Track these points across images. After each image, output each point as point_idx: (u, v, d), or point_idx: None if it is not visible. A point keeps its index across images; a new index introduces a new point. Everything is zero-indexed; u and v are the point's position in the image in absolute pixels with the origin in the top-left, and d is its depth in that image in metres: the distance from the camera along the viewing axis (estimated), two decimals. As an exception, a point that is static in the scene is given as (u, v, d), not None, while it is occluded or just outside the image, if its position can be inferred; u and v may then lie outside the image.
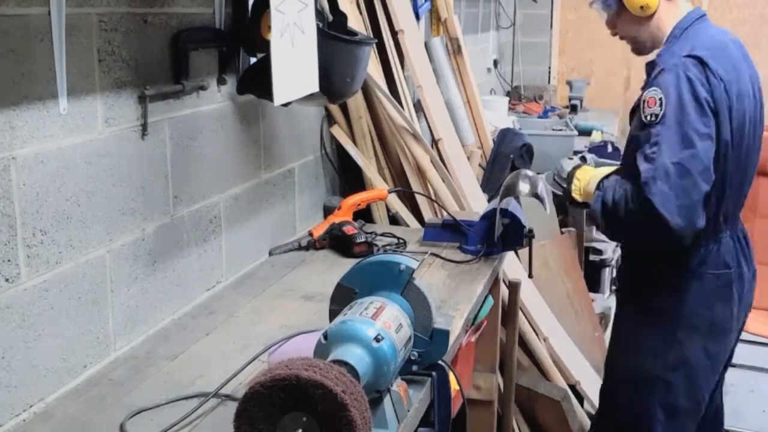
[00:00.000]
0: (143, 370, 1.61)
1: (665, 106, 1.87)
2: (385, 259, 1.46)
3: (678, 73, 1.90)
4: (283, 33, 1.48)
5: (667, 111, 1.87)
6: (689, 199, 1.84)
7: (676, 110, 1.87)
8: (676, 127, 1.86)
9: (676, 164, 1.84)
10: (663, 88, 1.90)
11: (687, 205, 1.84)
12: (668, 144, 1.85)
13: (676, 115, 1.87)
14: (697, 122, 1.86)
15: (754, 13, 5.96)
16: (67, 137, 1.49)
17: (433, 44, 3.66)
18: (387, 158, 2.82)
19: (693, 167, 1.84)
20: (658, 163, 1.85)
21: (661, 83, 1.91)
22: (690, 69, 1.90)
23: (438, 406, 1.52)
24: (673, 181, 1.83)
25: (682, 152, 1.85)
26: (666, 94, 1.88)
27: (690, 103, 1.87)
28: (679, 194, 1.84)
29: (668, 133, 1.86)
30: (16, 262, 1.38)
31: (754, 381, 3.71)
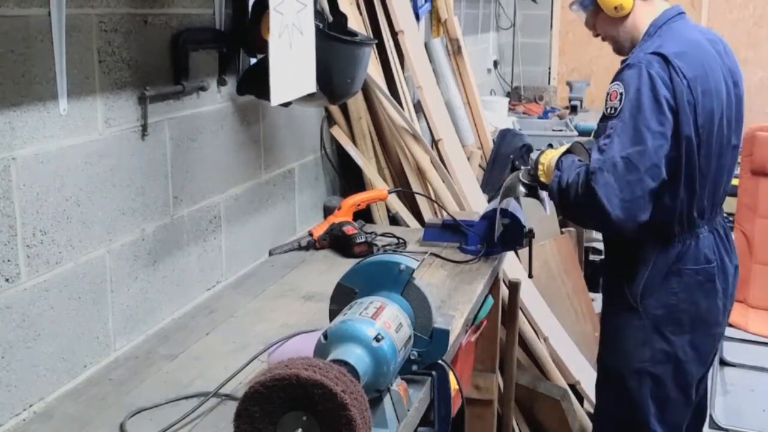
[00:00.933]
0: (143, 370, 1.61)
1: (623, 102, 1.91)
2: (385, 259, 1.46)
3: (641, 69, 1.92)
4: (281, 33, 1.48)
5: (625, 107, 1.90)
6: (632, 194, 1.87)
7: (633, 106, 1.90)
8: (630, 121, 1.89)
9: (624, 158, 1.87)
10: (624, 83, 1.93)
11: (629, 199, 1.87)
12: (620, 138, 1.89)
13: (632, 111, 1.90)
14: (651, 120, 1.89)
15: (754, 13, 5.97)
16: (67, 138, 1.49)
17: (433, 45, 3.67)
18: (387, 158, 2.82)
19: (640, 163, 1.87)
20: (607, 155, 1.89)
21: (624, 78, 1.94)
22: (653, 66, 1.92)
23: (438, 406, 1.52)
24: (619, 174, 1.87)
25: (632, 147, 1.88)
26: (626, 89, 1.92)
27: (648, 100, 1.90)
28: (623, 187, 1.87)
29: (622, 127, 1.90)
30: (16, 262, 1.39)
31: (754, 381, 3.72)
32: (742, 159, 3.54)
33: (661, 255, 2.06)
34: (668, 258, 2.06)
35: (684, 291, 2.07)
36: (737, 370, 3.80)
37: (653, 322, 2.08)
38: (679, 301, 2.07)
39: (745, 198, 3.50)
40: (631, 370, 2.12)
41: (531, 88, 5.71)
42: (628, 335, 2.12)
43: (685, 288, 2.06)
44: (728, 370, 3.79)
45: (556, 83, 6.18)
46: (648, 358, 2.10)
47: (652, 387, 2.11)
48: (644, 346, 2.10)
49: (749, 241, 3.48)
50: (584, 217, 2.03)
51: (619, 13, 2.11)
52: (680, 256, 2.06)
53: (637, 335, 2.10)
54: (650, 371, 2.10)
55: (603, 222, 1.92)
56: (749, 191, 3.48)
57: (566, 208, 2.06)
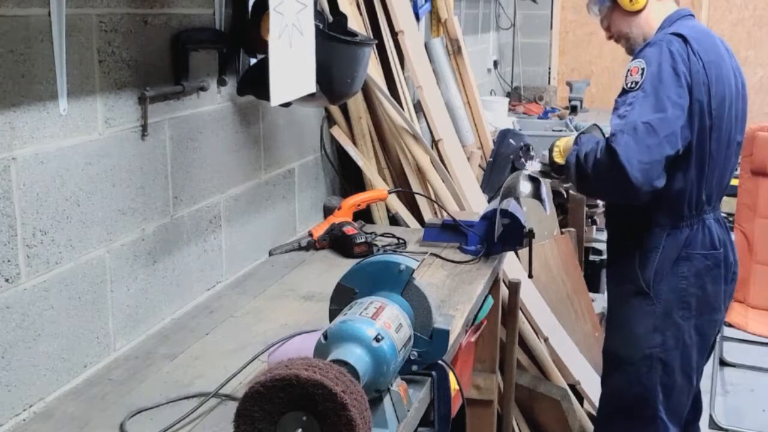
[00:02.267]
0: (143, 370, 1.61)
1: (645, 75, 2.00)
2: (385, 259, 1.46)
3: (662, 46, 2.04)
4: (281, 34, 1.48)
5: (647, 79, 2.00)
6: (651, 157, 1.94)
7: (654, 78, 1.99)
8: (651, 91, 1.98)
9: (645, 123, 1.95)
10: (646, 59, 2.03)
11: (648, 161, 1.94)
12: (642, 105, 1.97)
13: (653, 82, 1.99)
14: (672, 90, 1.98)
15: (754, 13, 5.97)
16: (67, 138, 1.49)
17: (433, 45, 3.67)
18: (387, 158, 2.82)
19: (660, 129, 1.95)
20: (628, 120, 1.96)
21: (646, 54, 2.05)
22: (673, 44, 2.03)
23: (438, 406, 1.52)
24: (639, 137, 1.94)
25: (653, 114, 1.96)
26: (648, 64, 2.02)
27: (668, 73, 2.00)
28: (642, 150, 1.93)
29: (644, 96, 1.98)
30: (16, 262, 1.39)
31: (754, 381, 3.72)
32: (742, 159, 3.54)
33: (671, 240, 2.13)
34: (678, 243, 2.13)
35: (693, 275, 2.13)
36: (737, 370, 3.80)
37: (664, 307, 2.14)
38: (688, 285, 2.13)
39: (745, 198, 3.50)
40: (642, 355, 2.17)
41: (531, 88, 5.71)
42: (640, 321, 2.17)
43: (695, 272, 2.13)
44: (728, 370, 3.79)
45: (556, 83, 6.18)
46: (659, 343, 2.15)
47: (662, 373, 2.17)
48: (655, 332, 2.16)
49: (749, 241, 3.48)
50: (602, 182, 2.05)
51: (635, 6, 2.21)
52: (689, 241, 2.13)
53: (649, 321, 2.16)
54: (661, 357, 2.16)
55: (621, 184, 1.95)
56: (749, 191, 3.48)
57: (583, 180, 2.10)
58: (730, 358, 3.82)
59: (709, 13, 5.99)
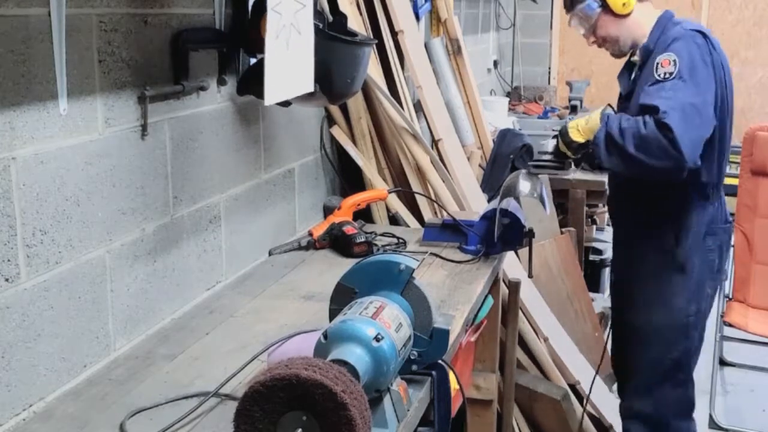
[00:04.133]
0: (143, 370, 1.61)
1: (679, 65, 2.15)
2: (385, 258, 1.46)
3: (688, 40, 2.22)
4: (279, 34, 1.48)
5: (682, 68, 2.15)
6: (698, 135, 2.10)
7: (689, 67, 2.16)
8: (690, 79, 2.14)
9: (691, 104, 2.10)
10: (676, 52, 2.19)
11: (696, 139, 2.09)
12: (684, 90, 2.12)
13: (689, 71, 2.15)
14: (705, 79, 2.17)
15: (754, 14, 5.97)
16: (67, 138, 1.49)
17: (433, 45, 3.67)
18: (387, 158, 2.82)
19: (703, 111, 2.13)
20: (675, 101, 2.09)
21: (675, 48, 2.20)
22: (697, 38, 2.23)
23: (438, 406, 1.52)
24: (688, 117, 2.08)
25: (696, 97, 2.12)
26: (679, 56, 2.17)
27: (700, 62, 2.18)
28: (691, 128, 2.08)
29: (684, 84, 2.13)
30: (16, 262, 1.39)
31: (754, 381, 3.72)
32: (742, 159, 3.54)
33: (700, 217, 2.34)
34: (705, 219, 2.35)
35: (718, 247, 2.39)
36: (737, 370, 3.80)
37: (698, 279, 2.37)
38: (715, 257, 2.39)
39: (745, 198, 3.50)
40: (680, 324, 2.39)
41: (531, 88, 5.71)
42: (677, 294, 2.38)
43: (719, 245, 2.39)
44: (728, 370, 3.79)
45: (556, 83, 6.18)
46: (694, 312, 2.39)
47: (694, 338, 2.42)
48: (690, 302, 2.38)
49: (749, 241, 3.48)
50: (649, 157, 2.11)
51: (626, 9, 2.37)
52: (714, 217, 2.37)
53: (685, 293, 2.37)
54: (694, 323, 2.40)
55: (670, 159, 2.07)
56: (749, 191, 3.48)
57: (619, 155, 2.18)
58: (730, 358, 3.82)
59: (709, 13, 5.98)
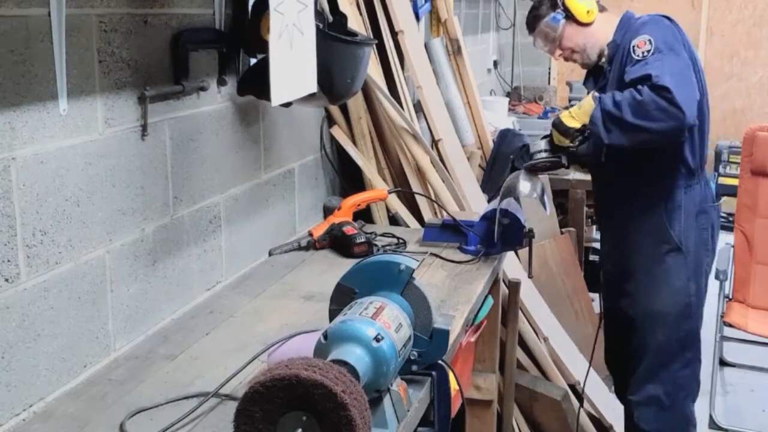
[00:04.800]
0: (143, 370, 1.61)
1: (655, 42, 2.20)
2: (385, 259, 1.46)
3: (657, 22, 2.29)
4: (281, 34, 1.48)
5: (659, 44, 2.19)
6: (692, 93, 2.13)
7: (665, 41, 2.20)
8: (668, 51, 2.18)
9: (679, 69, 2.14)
10: (648, 32, 2.23)
11: (691, 96, 2.11)
12: (668, 59, 2.16)
13: (667, 45, 2.20)
14: (681, 51, 2.21)
15: (754, 13, 5.97)
16: (67, 138, 1.49)
17: (433, 45, 3.67)
18: (387, 158, 2.82)
19: (689, 75, 2.16)
20: (664, 66, 2.12)
21: (646, 29, 2.25)
22: (664, 21, 2.30)
23: (438, 406, 1.52)
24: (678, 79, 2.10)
25: (680, 63, 2.17)
26: (653, 35, 2.21)
27: (673, 38, 2.23)
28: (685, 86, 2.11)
29: (665, 55, 2.17)
30: (16, 262, 1.39)
31: (754, 381, 3.72)
32: (742, 159, 3.54)
33: (689, 197, 2.38)
34: (694, 199, 2.39)
35: (710, 226, 2.42)
36: (737, 370, 3.80)
37: (695, 258, 2.40)
38: (709, 235, 2.42)
39: (745, 198, 3.50)
40: (682, 305, 2.41)
41: (531, 88, 5.71)
42: (676, 275, 2.40)
43: (711, 223, 2.43)
44: (728, 370, 3.79)
45: (556, 83, 6.19)
46: (694, 291, 2.41)
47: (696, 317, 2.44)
48: (689, 282, 2.40)
49: (749, 241, 3.48)
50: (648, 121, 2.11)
51: (591, 17, 2.43)
52: (703, 197, 2.41)
53: (684, 273, 2.40)
54: (696, 303, 2.42)
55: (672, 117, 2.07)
56: (749, 191, 3.49)
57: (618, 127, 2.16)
58: (730, 358, 3.82)
59: (709, 13, 5.99)
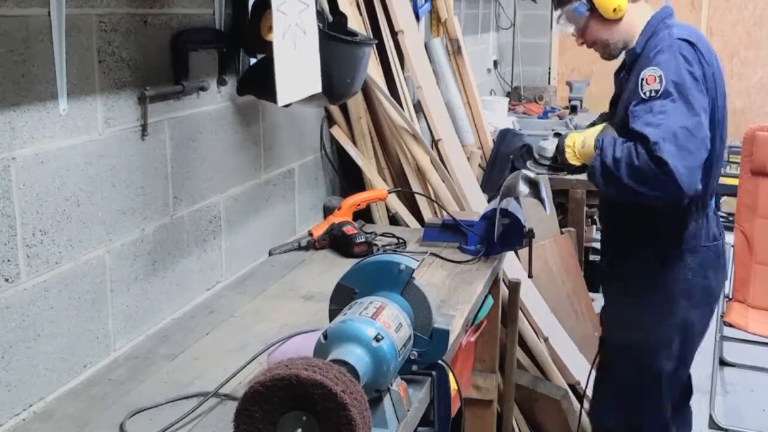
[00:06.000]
0: (143, 370, 1.61)
1: (665, 82, 1.99)
2: (385, 259, 1.46)
3: (674, 52, 2.03)
4: (285, 34, 1.48)
5: (668, 87, 1.99)
6: (694, 161, 1.95)
7: (678, 84, 1.99)
8: (680, 98, 1.98)
9: (683, 128, 1.95)
10: (662, 67, 2.02)
11: (693, 166, 1.95)
12: (675, 112, 1.97)
13: (678, 88, 1.99)
14: (697, 95, 1.99)
15: (754, 13, 5.97)
16: (67, 138, 1.49)
17: (433, 45, 3.67)
18: (387, 158, 2.82)
19: (697, 133, 1.96)
20: (665, 127, 1.95)
21: (660, 61, 2.03)
22: (683, 49, 2.04)
23: (438, 406, 1.52)
24: (681, 143, 1.94)
25: (689, 119, 1.96)
26: (666, 72, 2.01)
27: (690, 79, 2.00)
28: (685, 156, 1.93)
29: (674, 104, 1.98)
30: (16, 262, 1.39)
31: (754, 381, 3.72)
32: (742, 159, 3.54)
33: (678, 233, 2.18)
34: (685, 236, 2.18)
35: (699, 266, 2.20)
36: (737, 370, 3.80)
37: (670, 297, 2.20)
38: (693, 276, 2.19)
39: (745, 198, 3.50)
40: (647, 344, 2.24)
41: (531, 88, 5.71)
42: (646, 311, 2.23)
43: (701, 264, 2.20)
44: (728, 370, 3.79)
45: (556, 83, 6.18)
46: (664, 332, 2.23)
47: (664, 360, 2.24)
48: (661, 322, 2.22)
49: (749, 241, 3.48)
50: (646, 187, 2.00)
51: (617, 14, 2.20)
52: (696, 234, 2.19)
53: (654, 313, 2.21)
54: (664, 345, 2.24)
55: (670, 190, 1.95)
56: (749, 191, 3.48)
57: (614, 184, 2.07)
58: (730, 358, 3.82)
59: (709, 13, 5.99)
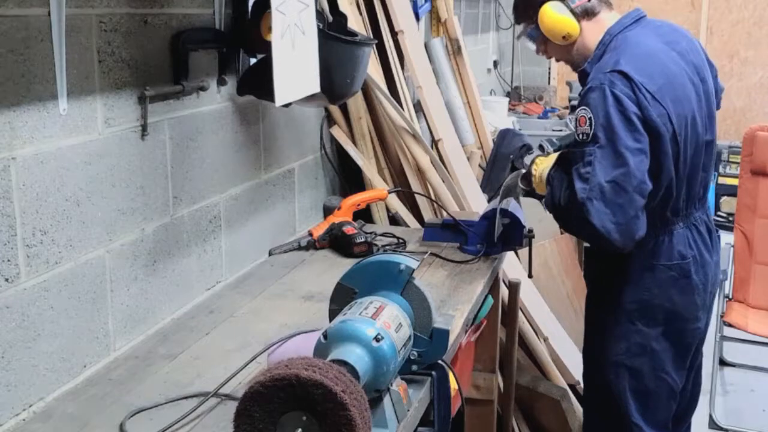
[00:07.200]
0: (143, 370, 1.61)
1: (594, 126, 1.88)
2: (385, 259, 1.46)
3: (604, 90, 1.89)
4: (284, 34, 1.48)
5: (597, 131, 1.87)
6: (625, 216, 1.86)
7: (606, 129, 1.87)
8: (607, 145, 1.86)
9: (611, 182, 1.85)
10: (591, 107, 1.90)
11: (624, 222, 1.86)
12: (601, 163, 1.86)
13: (607, 134, 1.87)
14: (628, 139, 1.86)
15: (754, 13, 5.97)
16: (67, 138, 1.49)
17: (433, 45, 3.67)
18: (387, 158, 2.82)
19: (627, 184, 1.85)
20: (593, 183, 1.86)
21: (590, 102, 1.91)
22: (616, 85, 1.88)
23: (438, 406, 1.52)
24: (608, 199, 1.85)
25: (615, 170, 1.85)
26: (595, 114, 1.88)
27: (619, 121, 1.86)
28: (615, 212, 1.85)
29: (601, 152, 1.87)
30: (16, 262, 1.39)
31: (754, 381, 3.72)
32: (742, 159, 3.54)
33: (637, 252, 2.03)
34: (642, 254, 2.05)
35: (657, 287, 2.07)
36: (737, 370, 3.80)
37: (626, 317, 2.09)
38: (652, 297, 2.07)
39: (745, 198, 3.50)
40: (611, 361, 2.13)
41: (531, 88, 5.71)
42: (608, 329, 2.14)
43: (659, 284, 2.07)
44: (728, 370, 3.79)
45: (555, 83, 6.19)
46: (623, 350, 2.11)
47: (630, 379, 2.13)
48: (622, 340, 2.11)
49: (749, 241, 3.47)
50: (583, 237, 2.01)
51: (568, 41, 2.11)
52: (654, 252, 2.06)
53: (616, 330, 2.12)
54: (628, 364, 2.12)
55: (604, 246, 1.91)
56: (749, 191, 3.48)
57: (564, 224, 2.09)
58: (730, 358, 3.82)
59: (709, 13, 5.99)
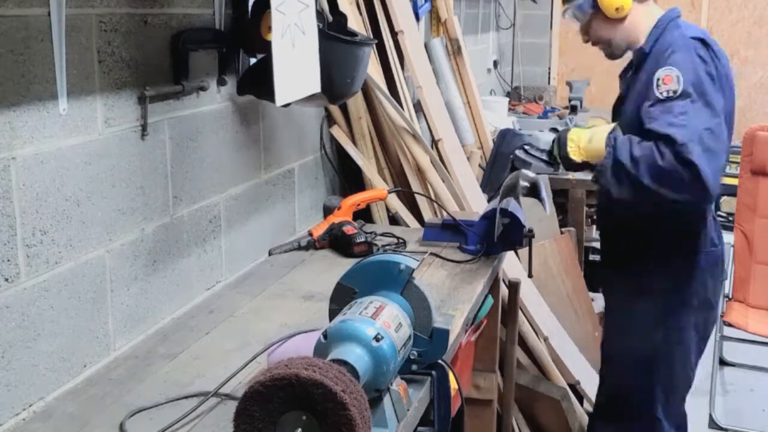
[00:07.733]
0: (143, 370, 1.61)
1: (683, 83, 1.95)
2: (385, 258, 1.46)
3: (691, 52, 2.00)
4: (284, 33, 1.48)
5: (687, 86, 1.95)
6: (719, 162, 1.93)
7: (696, 84, 1.96)
8: (699, 98, 1.95)
9: (707, 129, 1.91)
10: (678, 66, 1.98)
11: (717, 168, 1.91)
12: (697, 113, 1.93)
13: (697, 89, 1.95)
14: (714, 96, 1.96)
15: (754, 13, 5.97)
16: (67, 138, 1.49)
17: (433, 45, 3.67)
18: (387, 158, 2.82)
19: (720, 134, 1.94)
20: (691, 129, 1.90)
21: (677, 61, 1.99)
22: (699, 48, 2.01)
23: (437, 406, 1.52)
24: (707, 145, 1.90)
25: (711, 120, 1.93)
26: (683, 71, 1.97)
27: (706, 78, 1.97)
28: (712, 157, 1.90)
29: (694, 105, 1.94)
30: (16, 261, 1.39)
31: (754, 381, 3.72)
32: (742, 159, 3.54)
33: (677, 240, 2.13)
34: (683, 243, 2.14)
35: (697, 273, 2.15)
36: (737, 370, 3.80)
37: (667, 307, 2.15)
38: (691, 283, 2.15)
39: (745, 198, 3.50)
40: (642, 355, 2.18)
41: (531, 88, 5.71)
42: (640, 321, 2.18)
43: (698, 271, 2.15)
44: (728, 370, 3.79)
45: (555, 83, 6.18)
46: (660, 342, 2.16)
47: (662, 372, 2.18)
48: (656, 331, 2.16)
49: (749, 241, 3.48)
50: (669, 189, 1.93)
51: (620, 14, 2.16)
52: (695, 240, 2.14)
53: (650, 320, 2.16)
54: (662, 355, 2.17)
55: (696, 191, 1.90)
56: (749, 191, 3.48)
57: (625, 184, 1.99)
58: (730, 358, 3.82)
59: (709, 13, 5.99)
